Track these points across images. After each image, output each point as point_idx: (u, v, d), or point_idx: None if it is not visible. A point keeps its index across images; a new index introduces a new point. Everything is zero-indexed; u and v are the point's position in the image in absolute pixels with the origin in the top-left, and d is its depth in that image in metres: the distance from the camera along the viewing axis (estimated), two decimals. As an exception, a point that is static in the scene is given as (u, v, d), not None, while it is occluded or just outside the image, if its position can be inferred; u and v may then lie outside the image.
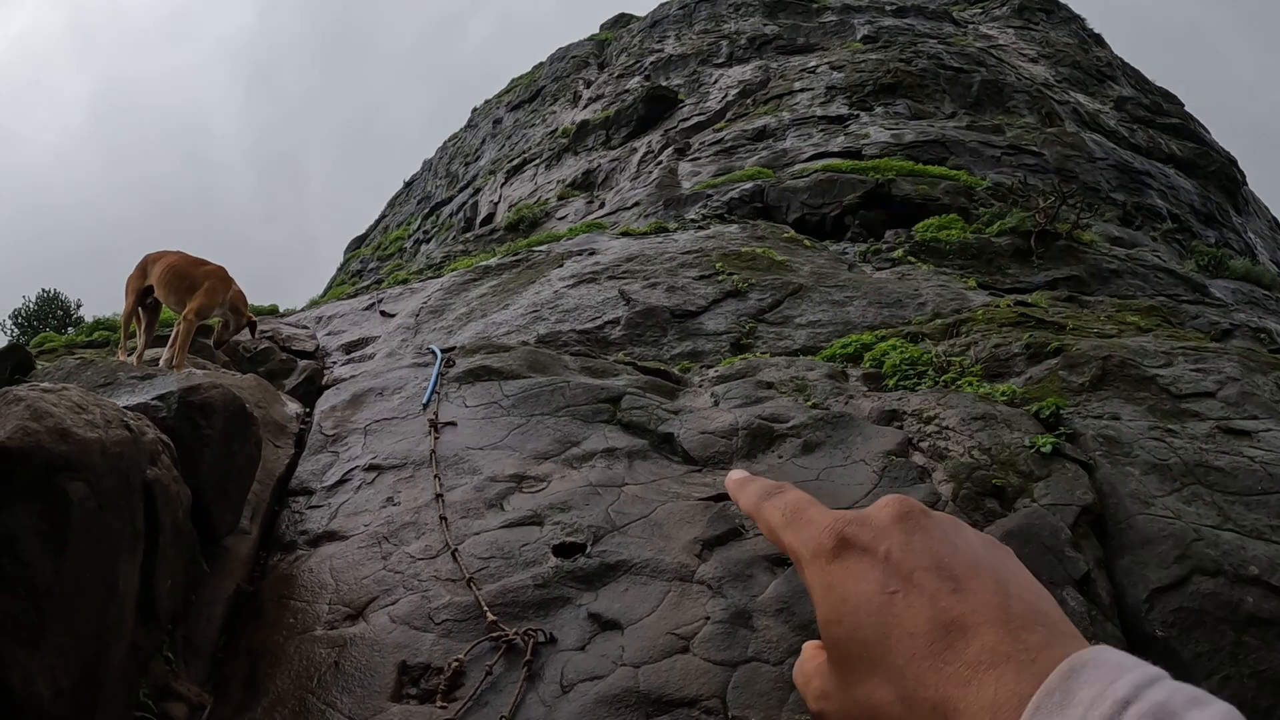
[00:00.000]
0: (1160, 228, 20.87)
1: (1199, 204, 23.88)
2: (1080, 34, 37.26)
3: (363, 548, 6.79)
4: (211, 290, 10.07)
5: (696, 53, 33.76)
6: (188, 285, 10.01)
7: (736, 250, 14.56)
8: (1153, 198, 22.48)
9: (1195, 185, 24.99)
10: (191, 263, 10.23)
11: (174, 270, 10.06)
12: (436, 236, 31.75)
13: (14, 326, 35.84)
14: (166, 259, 10.17)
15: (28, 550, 4.26)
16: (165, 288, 10.03)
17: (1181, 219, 22.24)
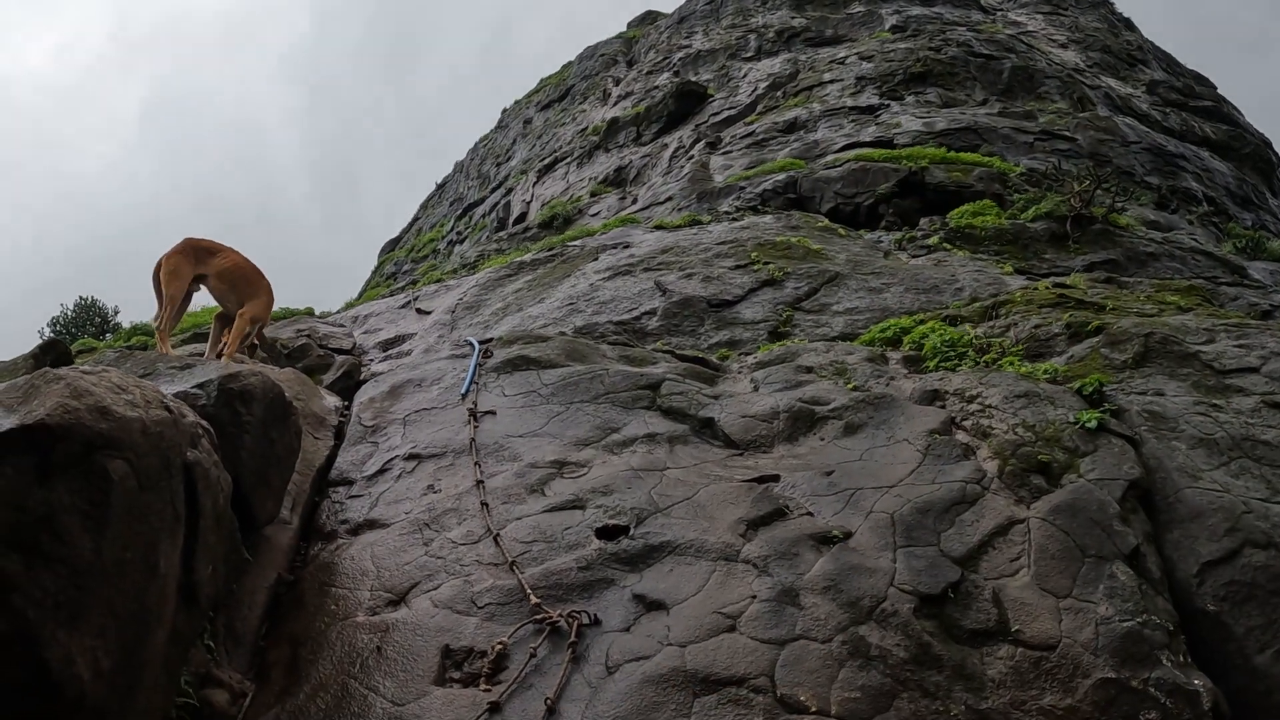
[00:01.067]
0: (1196, 211, 20.65)
1: (1234, 186, 23.61)
2: (1109, 18, 36.96)
3: (404, 535, 6.78)
4: (268, 303, 10.32)
5: (725, 47, 33.67)
6: (250, 290, 10.07)
7: (771, 240, 14.49)
8: (1188, 181, 22.24)
9: (1230, 168, 24.72)
10: (255, 269, 10.29)
11: (241, 271, 10.11)
12: (470, 237, 31.80)
13: (52, 333, 36.17)
14: (231, 256, 10.13)
15: (68, 528, 4.24)
16: (227, 284, 10.01)
17: (1217, 202, 21.99)
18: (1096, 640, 5.22)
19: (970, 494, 6.41)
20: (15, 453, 4.23)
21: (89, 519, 4.40)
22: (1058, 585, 5.61)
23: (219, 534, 5.70)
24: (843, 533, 6.03)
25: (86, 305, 37.39)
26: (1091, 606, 5.44)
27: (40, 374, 4.79)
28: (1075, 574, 5.69)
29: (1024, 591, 5.57)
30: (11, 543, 4.09)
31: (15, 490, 4.15)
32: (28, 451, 4.28)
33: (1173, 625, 5.46)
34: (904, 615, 5.31)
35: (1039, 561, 5.79)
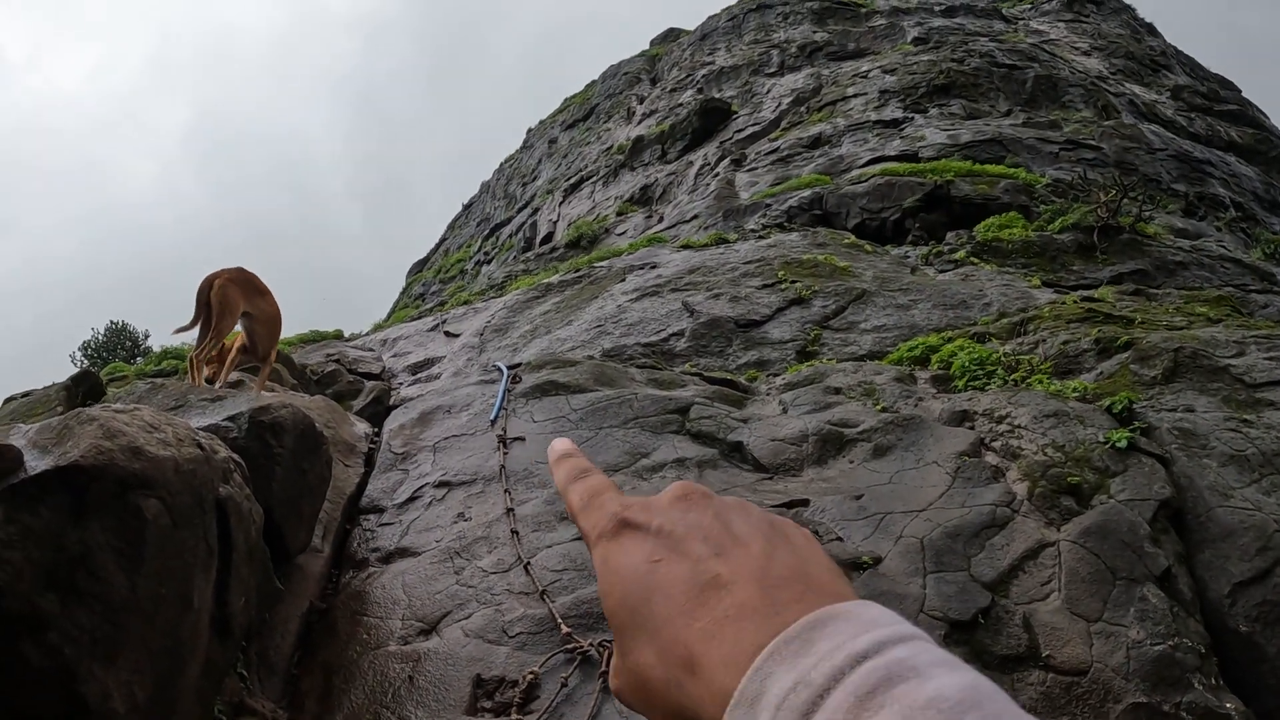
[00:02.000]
0: (1224, 217, 20.55)
1: (1262, 190, 23.50)
2: (1132, 24, 36.90)
3: (435, 563, 6.81)
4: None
5: (748, 63, 33.74)
6: (275, 337, 10.13)
7: (798, 258, 14.50)
8: (1215, 187, 22.15)
9: (1257, 171, 24.62)
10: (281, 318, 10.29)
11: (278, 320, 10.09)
12: (497, 257, 31.97)
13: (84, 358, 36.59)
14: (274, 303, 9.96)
15: (104, 566, 4.32)
16: (265, 328, 9.92)
17: (1245, 207, 21.89)
18: (1128, 664, 5.20)
19: (1000, 517, 6.39)
20: (51, 493, 4.32)
21: (124, 557, 4.48)
22: (1089, 609, 5.59)
23: (251, 566, 5.76)
24: (872, 558, 6.02)
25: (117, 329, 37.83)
26: (1123, 630, 5.42)
27: (74, 414, 4.87)
28: (1106, 597, 5.67)
29: (1055, 616, 5.55)
30: (49, 581, 4.17)
31: (51, 530, 4.24)
32: (63, 492, 4.37)
33: (1204, 647, 5.43)
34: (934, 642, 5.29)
35: (1070, 585, 5.77)
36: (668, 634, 0.61)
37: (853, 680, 0.49)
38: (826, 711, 0.48)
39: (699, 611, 0.60)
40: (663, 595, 0.63)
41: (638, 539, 0.68)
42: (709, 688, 0.57)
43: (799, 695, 0.50)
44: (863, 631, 0.52)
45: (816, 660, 0.51)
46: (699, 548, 0.65)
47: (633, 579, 0.66)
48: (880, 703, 0.47)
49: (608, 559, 0.69)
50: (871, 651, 0.50)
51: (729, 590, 0.60)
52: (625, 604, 0.66)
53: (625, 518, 0.70)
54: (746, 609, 0.58)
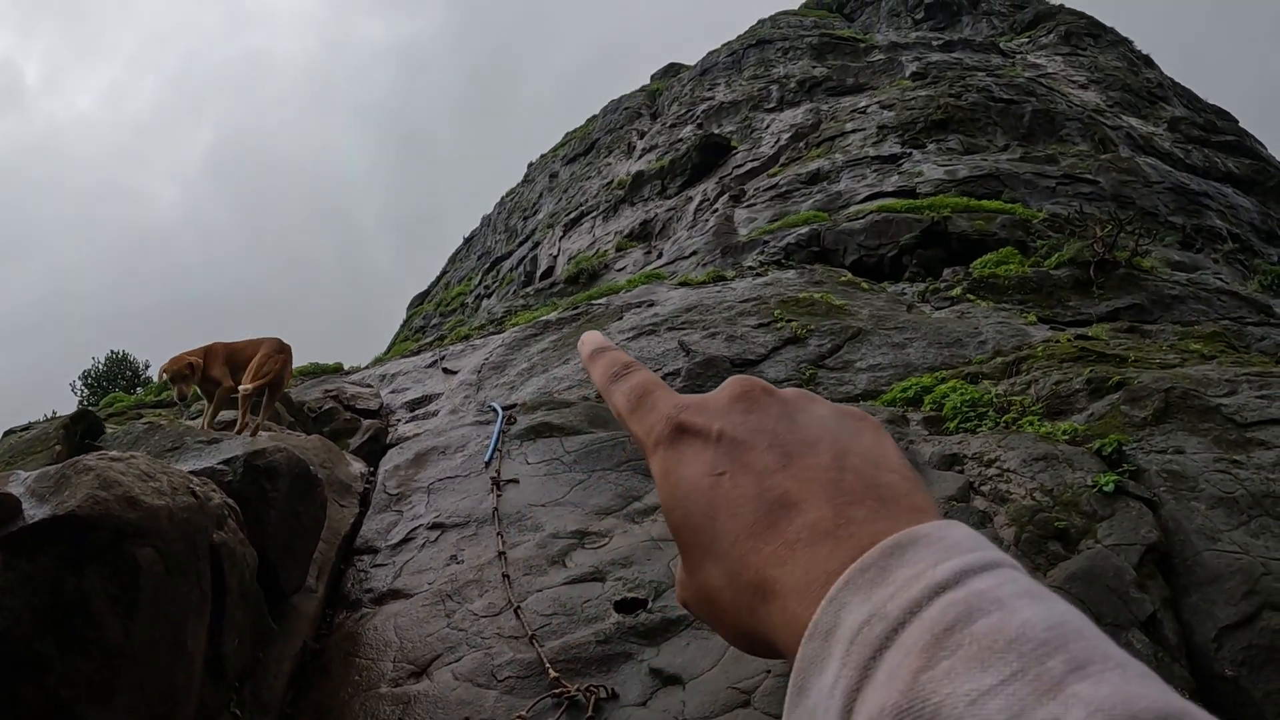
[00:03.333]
0: (1221, 249, 20.65)
1: (1259, 221, 23.61)
2: (1129, 56, 37.10)
3: (427, 605, 6.86)
4: None
5: (747, 98, 33.94)
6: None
7: (794, 296, 14.57)
8: (1212, 218, 22.27)
9: (1255, 202, 24.75)
10: None
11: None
12: (497, 291, 32.05)
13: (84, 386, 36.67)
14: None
15: (99, 613, 4.41)
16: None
17: (1242, 238, 21.99)
18: (1112, 712, 5.23)
19: (987, 562, 6.42)
20: (49, 541, 4.41)
21: (119, 604, 4.56)
22: (1073, 655, 5.62)
23: (245, 608, 5.82)
24: (859, 604, 6.06)
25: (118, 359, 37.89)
26: (1107, 677, 5.44)
27: (71, 464, 4.95)
28: (1091, 643, 5.69)
29: (1039, 662, 5.58)
30: (46, 626, 4.26)
31: (50, 577, 4.34)
32: (61, 540, 4.46)
33: (1188, 692, 5.45)
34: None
35: (1055, 631, 5.79)
36: (736, 556, 0.58)
37: (930, 614, 0.47)
38: (902, 648, 0.46)
39: (768, 534, 0.57)
40: (728, 514, 0.60)
41: (697, 447, 0.64)
42: (783, 615, 0.55)
43: (873, 629, 0.48)
44: (943, 559, 0.50)
45: (893, 591, 0.49)
46: (764, 458, 0.61)
47: (695, 494, 0.62)
48: (958, 641, 0.45)
49: (667, 470, 0.65)
50: (951, 582, 0.48)
51: (799, 509, 0.57)
52: (688, 522, 0.63)
53: (682, 421, 0.66)
54: (818, 531, 0.56)
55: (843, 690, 0.48)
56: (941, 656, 0.45)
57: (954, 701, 0.43)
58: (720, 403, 0.67)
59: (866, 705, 0.46)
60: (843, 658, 0.49)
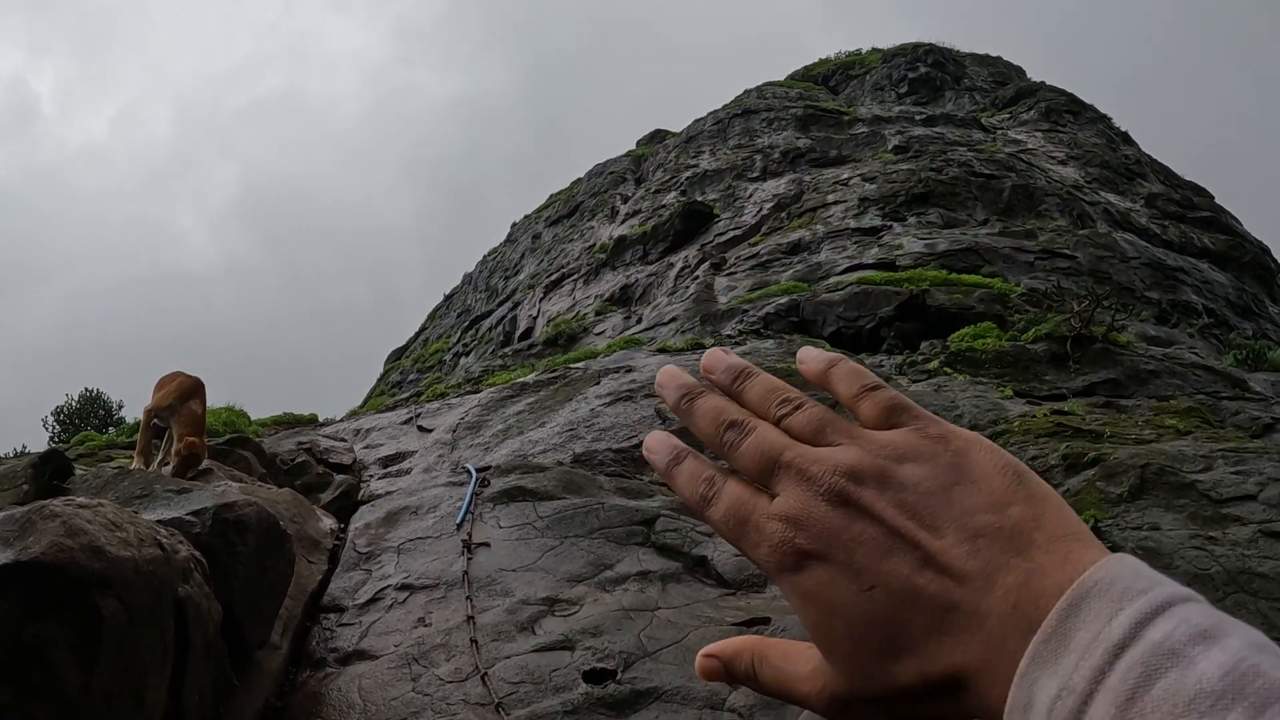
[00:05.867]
0: (1196, 324, 20.84)
1: (1234, 296, 23.89)
2: (1108, 133, 37.61)
3: (392, 668, 6.76)
4: None
5: (731, 167, 34.21)
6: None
7: (772, 367, 14.55)
8: (1188, 294, 22.52)
9: (1230, 278, 25.06)
10: None
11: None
12: (475, 349, 32.02)
13: (55, 423, 36.45)
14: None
15: (58, 662, 4.36)
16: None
17: (1217, 313, 22.23)
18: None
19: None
20: (10, 587, 4.35)
21: (79, 654, 4.50)
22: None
23: (207, 663, 5.74)
24: (830, 679, 6.01)
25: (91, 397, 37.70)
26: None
27: (38, 509, 4.89)
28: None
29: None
30: (3, 674, 4.19)
31: (9, 623, 4.28)
32: (22, 586, 4.40)
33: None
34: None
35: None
36: (921, 654, 0.59)
37: (1112, 683, 0.48)
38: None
39: (944, 628, 0.58)
40: (897, 620, 0.60)
41: (829, 569, 0.62)
42: (982, 700, 0.56)
43: (1064, 704, 0.50)
44: (1116, 611, 0.51)
45: (1076, 660, 0.50)
46: (900, 565, 0.60)
47: (853, 608, 0.61)
48: (1141, 709, 0.47)
49: (809, 593, 0.63)
50: (1128, 639, 0.49)
51: (960, 596, 0.58)
52: (854, 632, 0.61)
53: (800, 548, 0.63)
54: (983, 613, 0.56)
55: None
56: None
57: None
58: (824, 517, 0.63)
59: None
60: None
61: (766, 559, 0.65)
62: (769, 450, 0.68)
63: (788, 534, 0.64)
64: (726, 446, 0.71)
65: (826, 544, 0.63)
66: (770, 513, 0.66)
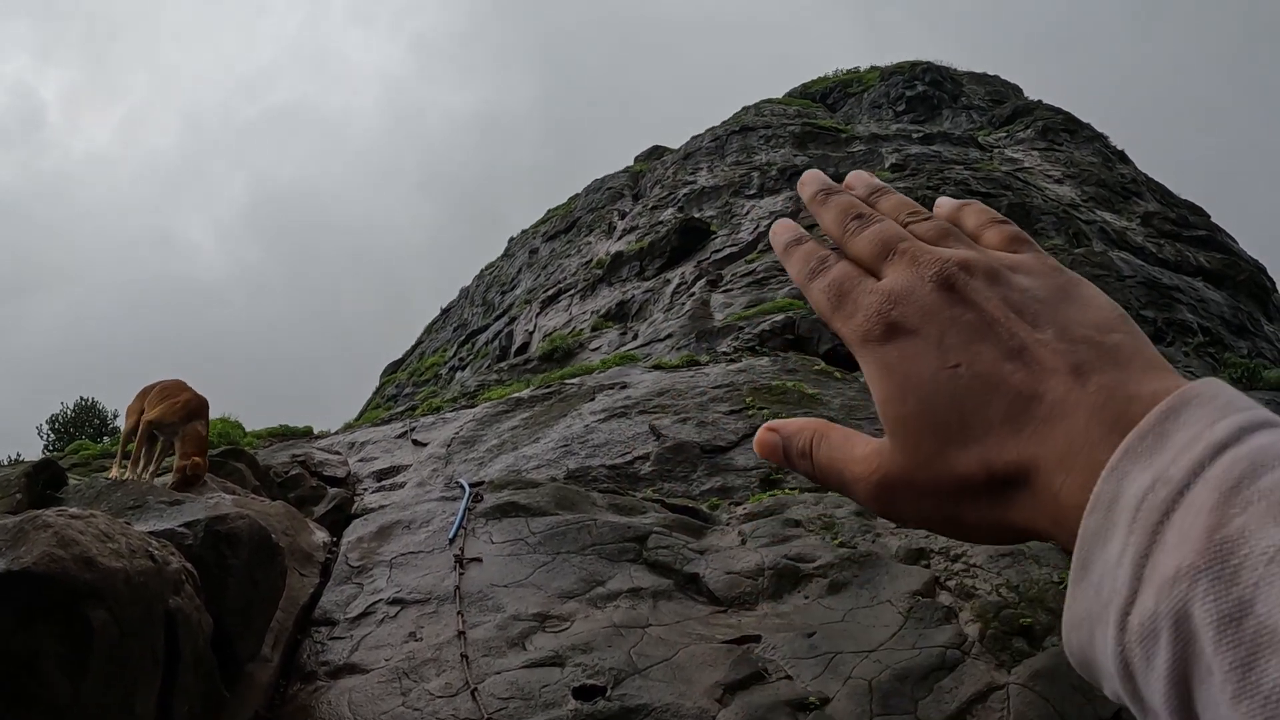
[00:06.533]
0: (1192, 342, 20.88)
1: (1229, 315, 23.91)
2: (1104, 152, 37.63)
3: (382, 682, 6.76)
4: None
5: (729, 184, 34.22)
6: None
7: (767, 384, 14.60)
8: (1183, 312, 22.55)
9: (1225, 296, 25.09)
10: None
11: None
12: (471, 364, 31.98)
13: (50, 432, 36.38)
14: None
15: (48, 671, 4.38)
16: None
17: (1213, 331, 22.26)
18: (1072, 817, 5.19)
19: (950, 660, 6.41)
20: (1, 596, 4.35)
21: (68, 663, 4.51)
22: (1035, 758, 5.59)
23: (197, 674, 5.74)
24: (820, 699, 6.02)
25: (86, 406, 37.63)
26: (1068, 781, 5.41)
27: (30, 519, 4.90)
28: (1053, 746, 5.67)
29: (1000, 764, 5.55)
30: (-8, 680, 4.20)
31: (-1, 631, 4.28)
32: (13, 596, 4.40)
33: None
34: (879, 786, 5.28)
35: (1017, 732, 5.77)
36: (992, 442, 0.57)
37: (1214, 473, 0.46)
38: (1190, 510, 0.46)
39: (1022, 417, 0.56)
40: (975, 402, 0.59)
41: (917, 344, 0.62)
42: (1047, 494, 0.54)
43: (1158, 494, 0.47)
44: (1220, 416, 0.49)
45: (1174, 455, 0.48)
46: (992, 350, 0.60)
47: (933, 386, 0.60)
48: (1247, 499, 0.44)
49: (889, 365, 0.63)
50: (1231, 440, 0.47)
51: (1045, 387, 0.57)
52: (926, 411, 0.60)
53: (894, 320, 0.63)
54: (1069, 404, 0.55)
55: (1131, 559, 0.47)
56: (1233, 514, 0.44)
57: (1254, 560, 0.42)
58: (927, 296, 0.64)
59: (1158, 571, 0.46)
60: (1129, 526, 0.48)
61: (856, 329, 0.65)
62: (888, 237, 0.70)
63: (885, 306, 0.65)
64: (848, 233, 0.73)
65: (921, 319, 0.63)
66: (873, 287, 0.67)
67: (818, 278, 0.71)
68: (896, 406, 0.62)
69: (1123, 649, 0.47)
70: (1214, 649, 0.42)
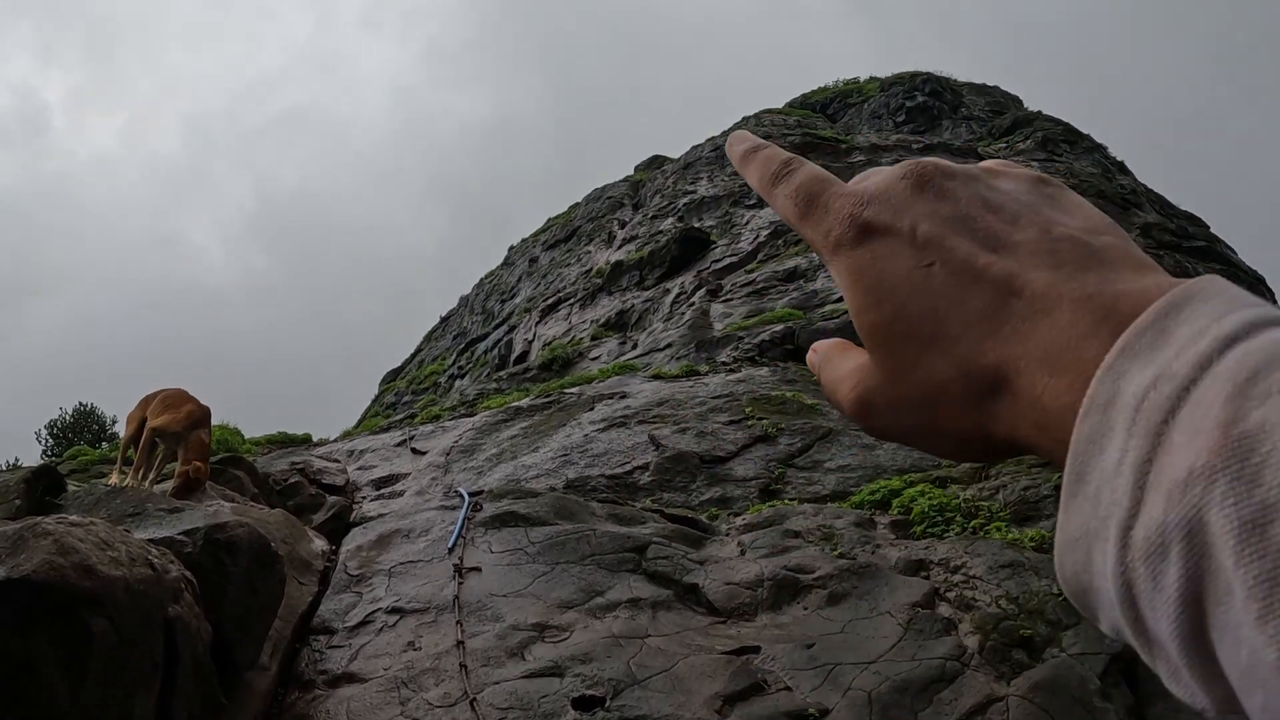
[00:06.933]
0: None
1: (1229, 326, 23.97)
2: (1104, 163, 37.68)
3: (381, 692, 6.75)
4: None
5: (728, 194, 34.25)
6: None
7: (767, 394, 14.61)
8: (1183, 323, 22.60)
9: (1226, 307, 25.14)
10: None
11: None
12: (471, 372, 32.01)
13: (49, 436, 36.44)
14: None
15: (47, 677, 4.42)
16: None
17: (1212, 343, 22.31)
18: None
19: (950, 671, 6.41)
20: (0, 603, 4.37)
21: (68, 670, 4.54)
22: (1034, 771, 5.59)
23: (196, 682, 5.75)
24: (819, 711, 6.02)
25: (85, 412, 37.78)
26: (1068, 793, 5.41)
27: (30, 525, 4.91)
28: (1052, 759, 5.67)
29: (1000, 777, 5.55)
30: (-9, 686, 4.23)
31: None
32: (13, 603, 4.42)
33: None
34: (878, 798, 5.28)
35: (1016, 744, 5.77)
36: (969, 343, 0.54)
37: (1224, 366, 0.41)
38: (1199, 406, 0.41)
39: (1000, 314, 0.53)
40: (950, 301, 0.55)
41: (890, 243, 0.59)
42: (1028, 396, 0.50)
43: (1161, 391, 0.42)
44: (1227, 312, 0.44)
45: (1177, 349, 0.43)
46: (969, 244, 0.57)
47: (907, 287, 0.57)
48: (1266, 389, 0.39)
49: (861, 269, 0.60)
50: (1241, 334, 0.42)
51: (1025, 285, 0.53)
52: (902, 316, 0.57)
53: (867, 220, 0.61)
54: (1050, 299, 0.51)
55: (1132, 463, 0.42)
56: (1251, 407, 0.39)
57: (1278, 457, 0.37)
58: (902, 194, 0.61)
59: (1165, 475, 0.41)
60: (1128, 428, 0.43)
61: (826, 234, 0.63)
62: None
63: (857, 209, 0.62)
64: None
65: (894, 215, 0.60)
66: (843, 190, 0.64)
67: (781, 183, 0.69)
68: (870, 314, 0.59)
69: (1125, 569, 0.42)
70: (1235, 562, 0.37)
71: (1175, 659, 0.41)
